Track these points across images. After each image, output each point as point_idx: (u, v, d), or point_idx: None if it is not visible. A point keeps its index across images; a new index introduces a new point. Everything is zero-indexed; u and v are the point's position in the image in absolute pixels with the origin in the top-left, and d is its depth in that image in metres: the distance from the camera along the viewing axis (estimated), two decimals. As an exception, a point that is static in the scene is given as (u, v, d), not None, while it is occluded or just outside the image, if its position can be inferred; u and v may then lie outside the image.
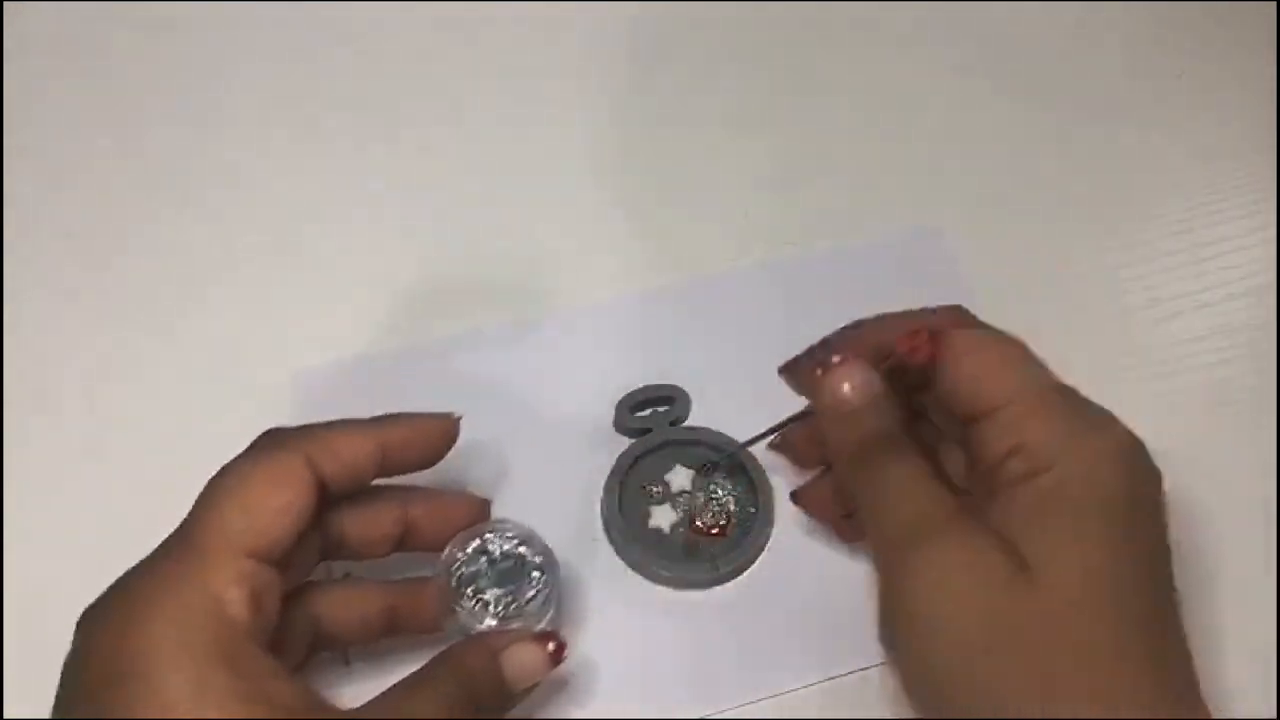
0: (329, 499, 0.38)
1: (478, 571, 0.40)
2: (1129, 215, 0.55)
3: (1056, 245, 0.54)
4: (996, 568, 0.34)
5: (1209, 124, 0.58)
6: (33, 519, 0.47)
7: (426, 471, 0.41)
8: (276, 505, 0.36)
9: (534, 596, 0.40)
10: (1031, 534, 0.34)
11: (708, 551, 0.45)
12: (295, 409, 0.49)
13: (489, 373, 0.50)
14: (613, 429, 0.48)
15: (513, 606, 0.40)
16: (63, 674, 0.35)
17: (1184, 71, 0.60)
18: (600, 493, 0.46)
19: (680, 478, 0.47)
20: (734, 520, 0.46)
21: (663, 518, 0.46)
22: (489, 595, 0.40)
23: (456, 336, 0.51)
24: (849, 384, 0.38)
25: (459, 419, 0.41)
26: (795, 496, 0.45)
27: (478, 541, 0.40)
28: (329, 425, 0.39)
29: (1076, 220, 0.55)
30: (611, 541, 0.46)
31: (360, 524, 0.40)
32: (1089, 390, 0.38)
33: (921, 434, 0.41)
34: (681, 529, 0.46)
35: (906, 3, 0.62)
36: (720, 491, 0.47)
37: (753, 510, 0.46)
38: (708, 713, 0.42)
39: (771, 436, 0.45)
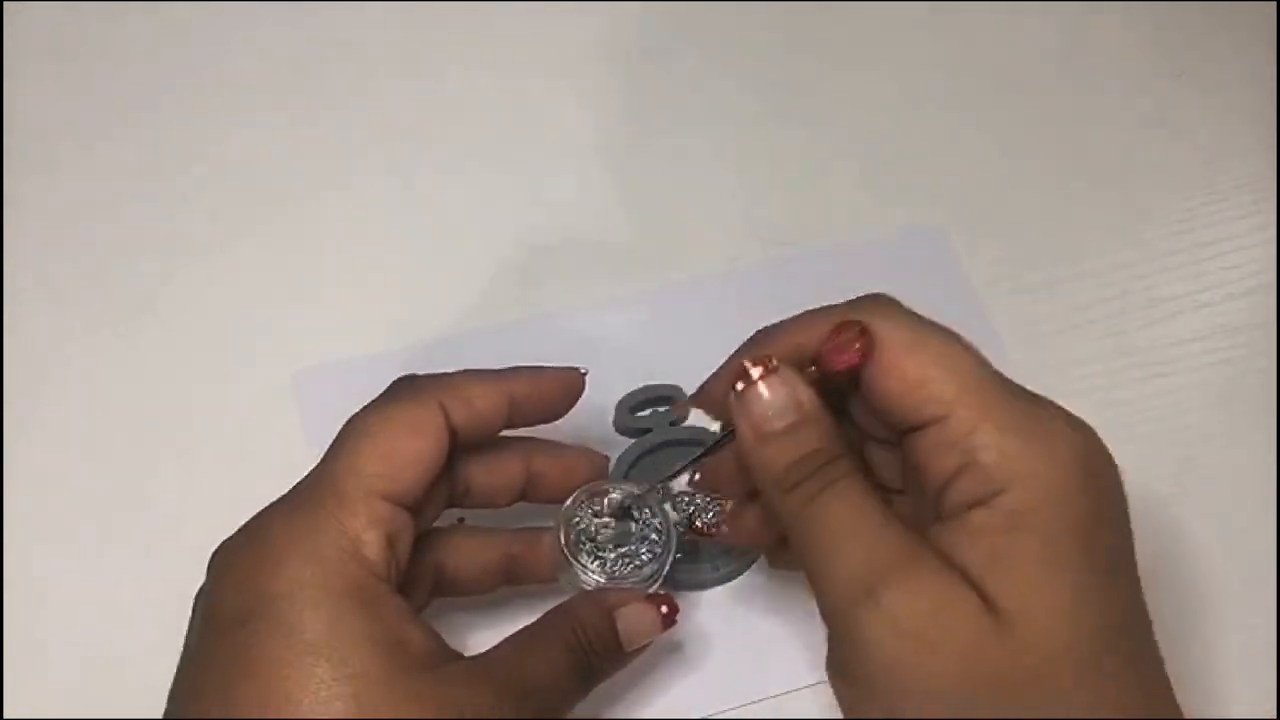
0: (458, 447, 0.38)
1: (595, 528, 0.41)
2: (1129, 215, 0.55)
3: (1056, 245, 0.54)
4: (965, 612, 0.31)
5: (1209, 124, 0.58)
6: (33, 519, 0.47)
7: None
8: (412, 451, 0.36)
9: (649, 559, 0.40)
10: (996, 570, 0.31)
11: (708, 551, 0.45)
12: (296, 409, 0.49)
13: (489, 373, 0.50)
14: (613, 429, 0.48)
15: (628, 567, 0.40)
16: (194, 611, 0.35)
17: (1184, 71, 0.60)
18: (600, 493, 0.46)
19: (680, 478, 0.47)
20: (734, 520, 0.46)
21: (663, 518, 0.46)
22: (605, 553, 0.40)
23: (456, 337, 0.51)
24: (772, 399, 0.34)
25: (585, 373, 0.41)
26: (723, 527, 0.41)
27: (598, 499, 0.41)
28: (461, 375, 0.39)
29: (1076, 220, 0.55)
30: (611, 541, 0.46)
31: (486, 473, 0.40)
32: (1089, 390, 0.38)
33: (846, 436, 0.36)
34: (681, 529, 0.46)
35: (907, 2, 0.62)
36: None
37: (753, 510, 0.46)
38: (708, 713, 0.42)
39: (692, 469, 0.41)
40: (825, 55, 0.60)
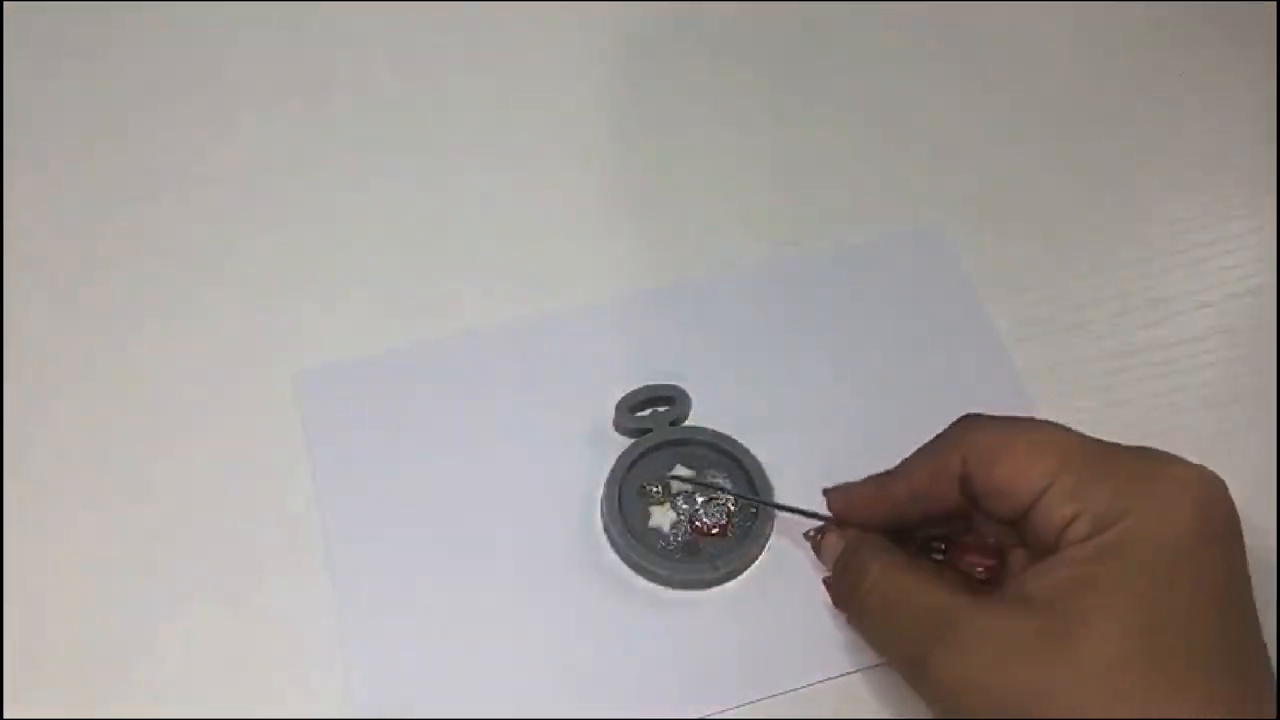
0: None
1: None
2: (1129, 215, 0.55)
3: (1056, 245, 0.54)
4: (1019, 641, 0.34)
5: (1209, 124, 0.58)
6: (33, 519, 0.47)
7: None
8: None
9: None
10: (1073, 590, 0.34)
11: (708, 551, 0.45)
12: (297, 411, 0.49)
13: (489, 373, 0.50)
14: (613, 429, 0.48)
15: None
16: None
17: (1184, 71, 0.60)
18: (600, 492, 0.46)
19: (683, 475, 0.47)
20: (734, 520, 0.46)
21: (663, 518, 0.46)
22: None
23: (457, 337, 0.51)
24: (825, 555, 0.42)
25: None
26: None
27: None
28: None
29: (1076, 220, 0.55)
30: (611, 541, 0.46)
31: None
32: (1089, 390, 0.38)
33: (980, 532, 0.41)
34: (681, 529, 0.46)
35: (906, 3, 0.62)
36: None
37: (753, 510, 0.46)
38: (708, 713, 0.42)
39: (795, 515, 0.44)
40: (826, 55, 0.60)
